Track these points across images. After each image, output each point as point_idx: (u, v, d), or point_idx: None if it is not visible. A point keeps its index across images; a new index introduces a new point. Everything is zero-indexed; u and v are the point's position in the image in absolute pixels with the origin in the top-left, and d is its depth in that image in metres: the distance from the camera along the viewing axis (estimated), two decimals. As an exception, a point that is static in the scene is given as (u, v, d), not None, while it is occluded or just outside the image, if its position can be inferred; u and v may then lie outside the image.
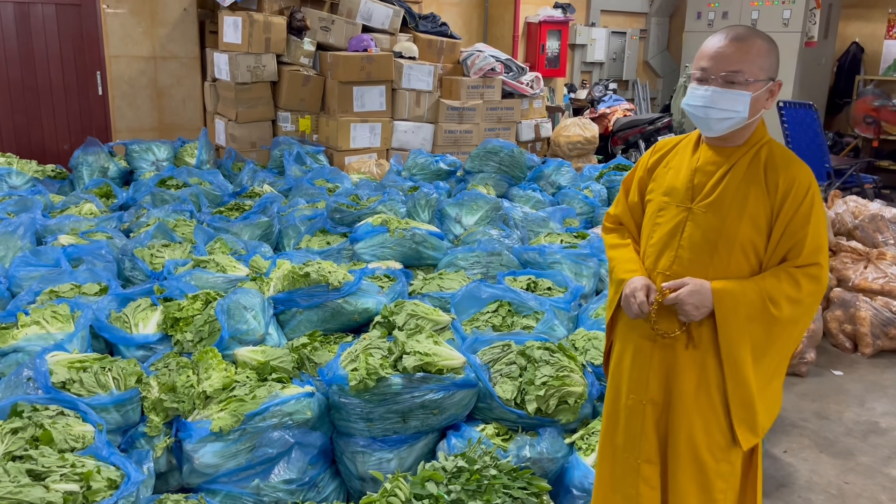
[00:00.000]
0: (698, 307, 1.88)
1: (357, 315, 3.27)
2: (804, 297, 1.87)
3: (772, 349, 1.91)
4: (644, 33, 11.03)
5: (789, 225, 1.87)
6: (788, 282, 1.86)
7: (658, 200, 2.04)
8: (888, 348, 4.32)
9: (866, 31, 9.56)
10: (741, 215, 1.89)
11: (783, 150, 1.94)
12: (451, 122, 7.33)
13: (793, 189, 1.86)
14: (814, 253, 1.87)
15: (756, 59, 1.84)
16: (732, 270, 1.91)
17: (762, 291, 1.86)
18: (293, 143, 6.55)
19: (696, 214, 1.94)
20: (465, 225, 4.78)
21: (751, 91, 1.86)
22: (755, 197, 1.89)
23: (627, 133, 8.87)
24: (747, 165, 1.91)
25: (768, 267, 1.91)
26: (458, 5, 9.24)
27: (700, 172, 1.96)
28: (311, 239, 4.47)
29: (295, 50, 6.83)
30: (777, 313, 1.86)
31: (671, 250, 1.98)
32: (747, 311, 1.86)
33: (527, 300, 3.40)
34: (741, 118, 1.86)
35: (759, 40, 1.87)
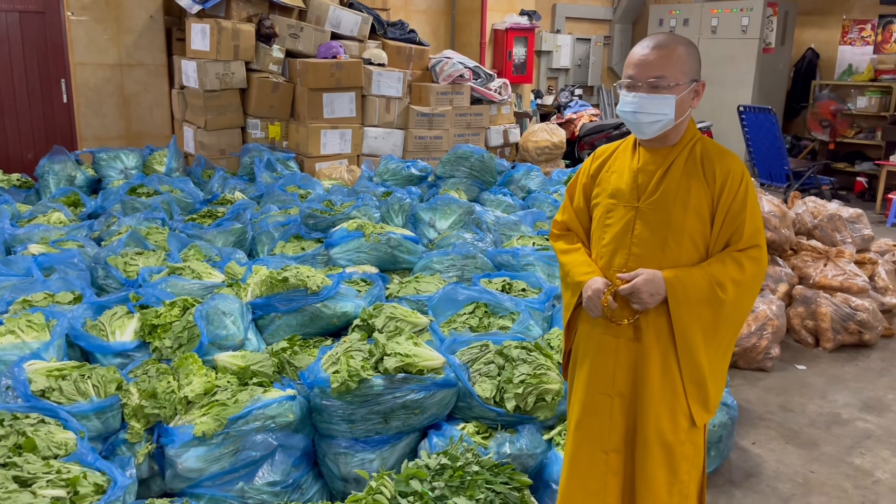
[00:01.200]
0: (653, 294, 2.00)
1: (336, 319, 3.30)
2: (747, 278, 2.01)
3: (720, 330, 2.05)
4: (608, 40, 11.23)
5: (729, 212, 2.01)
6: (733, 265, 2.00)
7: (605, 203, 2.16)
8: (848, 342, 4.48)
9: (821, 37, 9.87)
10: (686, 208, 2.02)
11: (715, 144, 2.09)
12: (421, 128, 7.40)
13: (729, 178, 2.01)
14: (753, 236, 2.02)
15: (677, 64, 1.97)
16: (683, 260, 2.04)
17: (710, 276, 1.99)
18: (263, 150, 6.55)
19: (643, 212, 2.06)
20: (438, 229, 4.84)
21: (675, 94, 1.99)
22: (696, 189, 2.02)
23: (594, 138, 9.02)
24: (685, 161, 2.04)
25: (713, 253, 2.05)
26: (426, 12, 9.31)
27: (642, 173, 2.08)
28: (286, 245, 4.49)
29: (264, 57, 6.83)
30: (724, 296, 1.99)
31: (624, 248, 2.10)
32: (697, 295, 1.99)
33: (502, 301, 3.47)
34: (669, 120, 2.00)
35: (680, 46, 2.00)
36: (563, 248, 2.29)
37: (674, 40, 2.01)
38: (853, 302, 4.45)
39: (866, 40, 9.45)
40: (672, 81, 1.98)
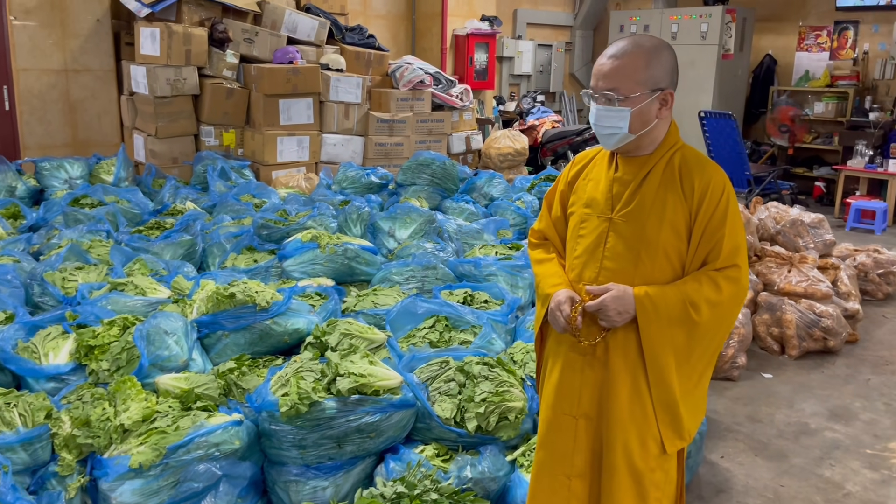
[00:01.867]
0: (621, 312, 1.88)
1: (287, 336, 3.13)
2: (724, 299, 1.88)
3: (695, 353, 1.92)
4: (570, 46, 11.22)
5: (707, 227, 1.88)
6: (709, 285, 1.87)
7: (580, 213, 2.04)
8: (813, 349, 4.44)
9: (779, 43, 9.96)
10: (661, 222, 1.89)
11: (696, 154, 1.96)
12: (381, 134, 7.24)
13: (708, 191, 1.88)
14: (732, 254, 1.89)
15: (632, 74, 1.84)
16: (657, 277, 1.92)
17: (683, 296, 1.86)
18: (217, 158, 6.33)
19: (617, 224, 1.94)
20: (398, 239, 4.69)
21: (629, 107, 1.86)
22: (673, 202, 1.89)
23: (556, 144, 8.96)
24: (662, 172, 1.92)
25: (690, 271, 1.92)
26: (386, 17, 9.17)
27: (618, 182, 1.96)
28: (238, 257, 4.29)
29: (217, 62, 6.62)
30: (697, 318, 1.87)
31: (595, 261, 1.98)
32: (668, 315, 1.87)
33: (464, 314, 3.33)
34: (624, 134, 1.88)
35: (640, 54, 1.86)
36: (539, 257, 2.18)
37: (633, 47, 1.87)
38: (817, 308, 4.41)
39: (822, 46, 9.57)
40: (624, 94, 1.85)
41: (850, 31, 9.26)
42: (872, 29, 9.07)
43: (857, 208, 7.92)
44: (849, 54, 9.33)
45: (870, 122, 8.68)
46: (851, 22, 9.22)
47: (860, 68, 9.20)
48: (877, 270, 5.43)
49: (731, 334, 4.09)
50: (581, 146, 8.83)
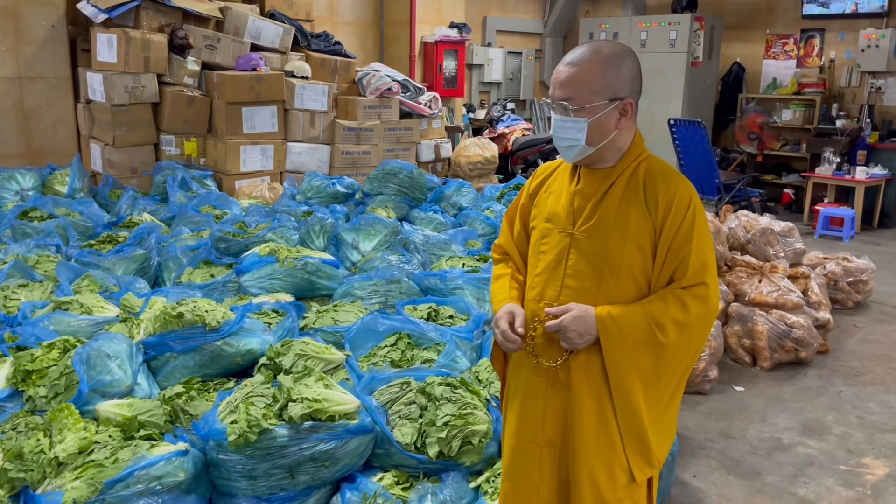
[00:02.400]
0: (582, 334, 1.76)
1: (239, 358, 2.97)
2: (692, 320, 1.77)
3: (663, 377, 1.81)
4: (539, 53, 11.17)
5: (673, 243, 1.77)
6: (675, 305, 1.76)
7: (541, 227, 1.93)
8: (785, 361, 4.37)
9: (747, 51, 10.00)
10: (624, 238, 1.78)
11: (662, 165, 1.85)
12: (348, 143, 7.10)
13: (674, 205, 1.76)
14: (699, 272, 1.77)
15: (588, 83, 1.73)
16: (621, 296, 1.80)
17: (648, 316, 1.75)
18: (177, 167, 6.15)
19: (578, 240, 1.83)
20: (362, 251, 4.55)
21: (585, 117, 1.75)
22: (636, 217, 1.78)
23: (527, 152, 8.88)
24: (625, 185, 1.81)
25: (656, 289, 1.81)
26: (353, 24, 9.04)
27: (579, 196, 1.85)
28: (194, 272, 4.12)
29: (178, 69, 6.43)
30: (664, 339, 1.75)
31: (557, 279, 1.86)
32: (633, 337, 1.75)
33: (427, 331, 3.20)
34: (581, 146, 1.77)
35: (598, 61, 1.74)
36: (495, 274, 2.07)
37: (589, 54, 1.75)
38: (789, 319, 4.35)
39: (789, 54, 9.62)
40: (579, 104, 1.74)
41: (817, 40, 9.32)
42: (838, 37, 9.14)
43: (825, 215, 7.93)
44: (815, 62, 9.39)
45: (837, 129, 8.73)
46: (817, 30, 9.28)
47: (826, 76, 9.26)
48: (846, 279, 5.40)
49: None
50: (552, 154, 8.76)
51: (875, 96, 8.82)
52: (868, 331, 5.02)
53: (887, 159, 8.23)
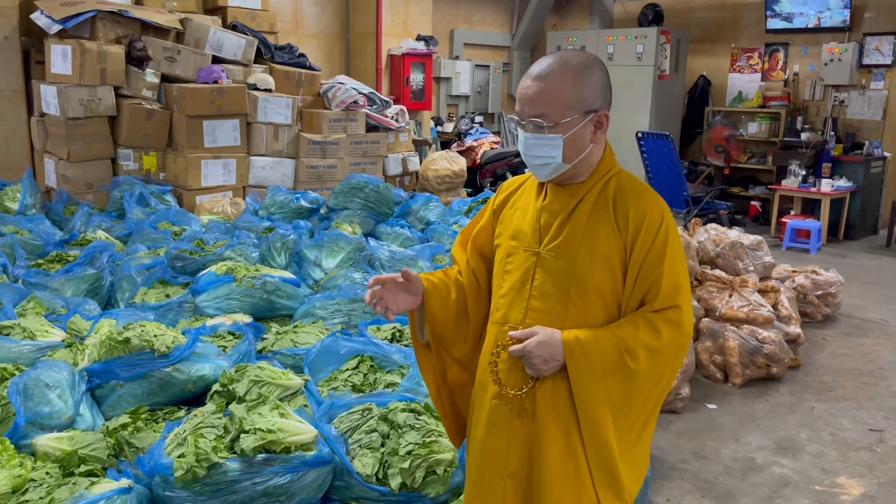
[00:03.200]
0: (547, 360, 1.65)
1: (191, 385, 2.81)
2: (664, 345, 1.66)
3: (634, 406, 1.70)
4: (507, 66, 11.15)
5: (644, 263, 1.66)
6: (646, 329, 1.65)
7: (506, 245, 1.81)
8: (757, 377, 4.32)
9: (712, 64, 10.08)
10: (592, 257, 1.68)
11: (633, 180, 1.75)
12: (313, 156, 6.96)
13: (644, 222, 1.66)
14: (672, 294, 1.67)
15: (560, 97, 1.63)
16: (590, 319, 1.69)
17: (617, 342, 1.64)
18: (135, 182, 5.95)
19: (544, 259, 1.72)
20: (325, 269, 4.40)
21: (560, 133, 1.64)
22: (605, 235, 1.68)
23: (495, 166, 8.81)
24: (594, 201, 1.71)
25: (626, 312, 1.70)
26: (318, 37, 8.91)
27: (546, 212, 1.75)
28: (148, 292, 3.94)
29: (136, 82, 6.25)
30: (635, 366, 1.64)
31: (522, 301, 1.75)
32: (602, 364, 1.64)
33: (390, 353, 3.07)
34: (557, 164, 1.67)
35: (567, 73, 1.64)
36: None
37: (558, 66, 1.65)
38: (760, 334, 4.29)
39: (754, 68, 9.70)
40: (554, 119, 1.64)
41: (781, 53, 9.42)
42: (802, 51, 9.24)
43: (792, 228, 7.97)
44: (780, 76, 9.48)
45: (802, 142, 8.81)
46: (781, 44, 9.38)
47: (791, 89, 9.35)
48: (815, 292, 5.38)
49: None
50: (521, 168, 8.70)
51: (838, 109, 8.92)
52: (837, 344, 4.99)
53: (852, 171, 8.31)
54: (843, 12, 8.43)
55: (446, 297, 1.88)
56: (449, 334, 1.91)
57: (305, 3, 8.75)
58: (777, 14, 8.99)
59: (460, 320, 1.91)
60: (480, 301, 1.91)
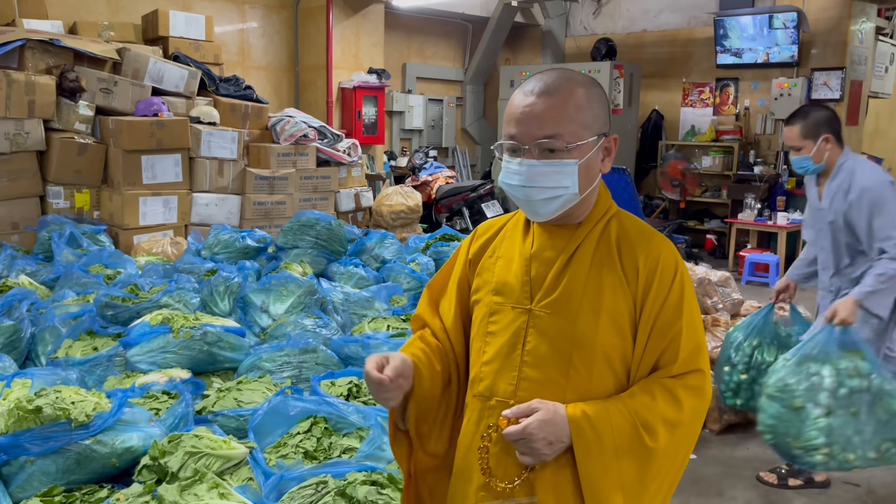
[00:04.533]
0: (552, 442, 1.36)
1: (115, 459, 2.42)
2: (686, 417, 1.40)
3: (649, 489, 1.42)
4: (461, 101, 11.01)
5: (658, 320, 1.40)
6: (665, 399, 1.39)
7: (488, 302, 1.52)
8: (735, 422, 4.11)
9: (665, 99, 10.11)
10: (597, 313, 1.40)
11: (637, 221, 1.49)
12: (260, 192, 6.61)
13: (657, 272, 1.41)
14: (692, 356, 1.42)
15: (576, 115, 1.38)
16: (596, 389, 1.41)
17: (632, 416, 1.37)
18: (65, 222, 5.51)
19: (538, 318, 1.44)
20: (273, 314, 4.05)
21: (576, 158, 1.39)
22: (611, 287, 1.41)
23: (451, 201, 8.59)
24: (595, 247, 1.44)
25: (637, 379, 1.43)
26: (266, 69, 8.62)
27: (537, 261, 1.47)
28: (73, 344, 3.53)
29: (68, 114, 5.85)
30: (653, 444, 1.37)
31: (512, 369, 1.46)
32: (615, 443, 1.37)
33: (347, 414, 2.73)
34: (571, 194, 1.40)
35: (579, 88, 1.40)
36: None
37: (569, 80, 1.40)
38: (736, 376, 4.09)
39: (706, 102, 9.76)
40: (570, 141, 1.37)
41: (731, 88, 9.50)
42: (752, 86, 9.33)
43: (750, 262, 7.91)
44: (731, 110, 9.55)
45: (755, 175, 8.83)
46: (732, 79, 9.46)
47: (742, 123, 9.41)
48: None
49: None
50: (476, 202, 8.50)
51: (790, 143, 8.99)
52: (810, 383, 4.83)
53: (805, 205, 8.31)
54: (791, 48, 8.54)
55: (433, 370, 1.55)
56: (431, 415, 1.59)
57: (252, 34, 8.47)
58: (727, 49, 9.06)
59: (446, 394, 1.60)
60: (461, 372, 1.61)
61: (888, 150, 11.89)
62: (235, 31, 8.31)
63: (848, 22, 8.33)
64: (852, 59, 8.49)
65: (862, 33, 8.59)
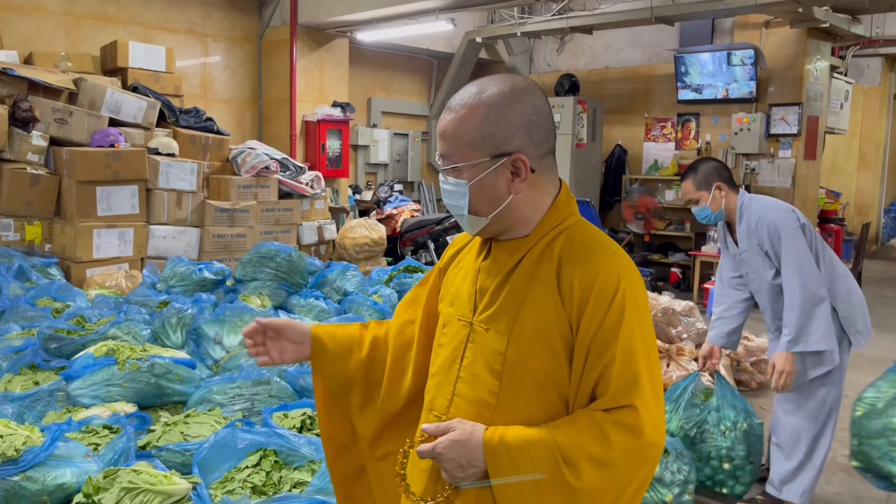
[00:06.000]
0: (463, 465, 1.25)
1: (46, 496, 2.27)
2: (615, 456, 1.24)
3: None
4: (426, 135, 11.03)
5: (592, 345, 1.27)
6: (591, 434, 1.25)
7: (444, 312, 1.47)
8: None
9: (628, 133, 10.23)
10: (530, 334, 1.31)
11: (587, 235, 1.36)
12: (220, 225, 6.48)
13: (594, 291, 1.27)
14: (625, 389, 1.26)
15: (466, 134, 1.32)
16: (525, 415, 1.30)
17: (554, 448, 1.24)
18: (14, 255, 5.33)
19: (477, 333, 1.36)
20: (227, 346, 3.92)
21: (465, 178, 1.33)
22: (544, 307, 1.31)
23: (416, 234, 8.53)
24: (536, 263, 1.34)
25: (575, 409, 1.30)
26: (229, 102, 8.55)
27: (484, 273, 1.40)
28: (13, 379, 3.36)
29: (20, 145, 5.70)
30: (576, 482, 1.23)
31: (448, 384, 1.38)
32: (533, 474, 1.24)
33: (298, 446, 2.61)
34: (469, 215, 1.36)
35: (475, 107, 1.32)
36: None
37: (475, 95, 1.32)
38: (701, 405, 4.03)
39: (668, 137, 9.89)
40: (458, 161, 1.33)
41: (693, 123, 9.65)
42: (712, 121, 9.49)
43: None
44: (692, 144, 9.68)
45: (717, 208, 8.91)
46: (693, 114, 9.61)
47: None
48: (749, 359, 5.22)
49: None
50: (442, 235, 8.45)
51: (750, 177, 9.12)
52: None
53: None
54: (750, 84, 8.72)
55: (348, 353, 1.56)
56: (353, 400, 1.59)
57: (214, 67, 8.41)
58: (687, 85, 9.22)
59: (369, 386, 1.58)
60: (417, 373, 1.54)
61: (845, 185, 12.17)
62: (198, 65, 8.24)
63: (803, 59, 8.54)
64: (808, 95, 8.69)
65: (817, 70, 8.81)
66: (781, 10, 7.54)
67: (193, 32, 8.13)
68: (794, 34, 8.47)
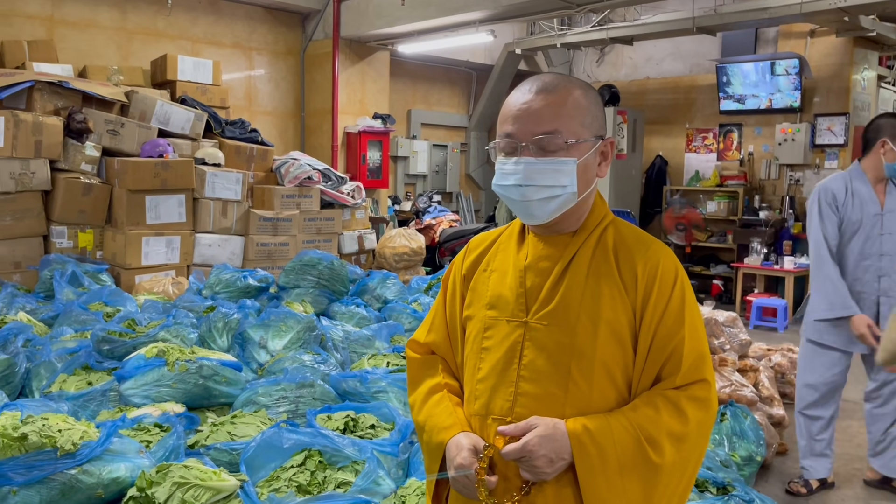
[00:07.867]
0: (553, 460, 1.29)
1: (101, 490, 2.35)
2: (692, 430, 1.34)
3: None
4: (465, 147, 11.10)
5: (659, 329, 1.35)
6: (670, 412, 1.32)
7: (482, 317, 1.46)
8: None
9: (668, 144, 10.16)
10: (596, 324, 1.35)
11: (633, 229, 1.44)
12: (264, 234, 6.61)
13: (657, 279, 1.35)
14: (696, 366, 1.35)
15: (575, 114, 1.36)
16: (596, 403, 1.35)
17: (635, 430, 1.30)
18: (67, 261, 5.51)
19: (535, 330, 1.38)
20: (272, 350, 4.00)
21: (575, 156, 1.36)
22: (610, 296, 1.36)
23: (454, 244, 8.57)
24: (591, 255, 1.39)
25: (639, 391, 1.36)
26: (272, 114, 8.72)
27: (532, 272, 1.42)
28: (68, 379, 3.48)
29: (74, 155, 5.90)
30: (659, 459, 1.30)
31: (508, 385, 1.39)
32: (619, 460, 1.30)
33: (342, 447, 2.66)
34: (570, 193, 1.36)
35: (576, 89, 1.38)
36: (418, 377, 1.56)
37: (566, 81, 1.38)
38: (745, 416, 3.98)
39: (710, 148, 9.80)
40: (569, 138, 1.35)
41: (735, 134, 9.54)
42: (755, 131, 9.37)
43: (758, 306, 7.82)
44: (735, 155, 9.57)
45: (761, 220, 8.79)
46: (735, 125, 9.51)
47: (746, 169, 9.42)
48: (793, 371, 5.12)
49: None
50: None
51: (794, 188, 8.98)
52: (821, 426, 4.70)
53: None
54: (794, 94, 8.60)
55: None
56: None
57: (259, 80, 8.60)
58: (730, 96, 9.13)
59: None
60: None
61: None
62: (242, 77, 8.44)
63: (850, 68, 8.40)
64: (855, 105, 8.53)
65: (864, 80, 8.65)
66: (827, 19, 7.44)
67: (239, 46, 8.33)
68: (840, 43, 8.34)
